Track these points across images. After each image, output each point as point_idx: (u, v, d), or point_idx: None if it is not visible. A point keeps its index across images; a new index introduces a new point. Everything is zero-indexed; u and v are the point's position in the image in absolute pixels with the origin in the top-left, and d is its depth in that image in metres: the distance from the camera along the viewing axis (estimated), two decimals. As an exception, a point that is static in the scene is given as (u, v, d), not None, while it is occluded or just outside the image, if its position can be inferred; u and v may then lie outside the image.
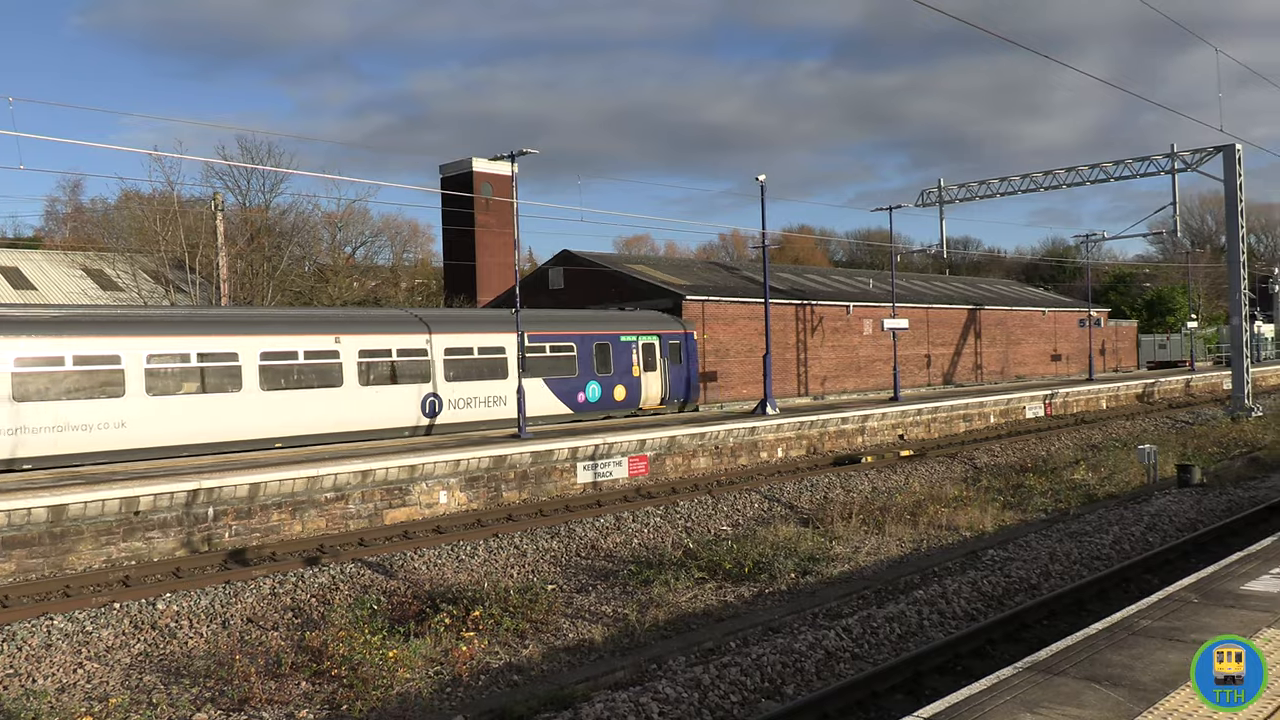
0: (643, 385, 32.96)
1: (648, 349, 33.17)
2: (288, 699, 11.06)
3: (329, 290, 53.39)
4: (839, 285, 53.97)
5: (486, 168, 59.61)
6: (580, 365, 31.01)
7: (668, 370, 33.71)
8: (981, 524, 19.82)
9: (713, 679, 10.49)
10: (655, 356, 33.38)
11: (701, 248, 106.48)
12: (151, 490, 17.07)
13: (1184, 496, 21.16)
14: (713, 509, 21.15)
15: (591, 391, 31.29)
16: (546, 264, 49.00)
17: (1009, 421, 38.11)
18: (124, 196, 48.37)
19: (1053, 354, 62.62)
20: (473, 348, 28.34)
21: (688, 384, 34.66)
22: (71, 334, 21.34)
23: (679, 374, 34.09)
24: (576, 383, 30.88)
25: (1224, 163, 38.64)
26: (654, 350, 33.37)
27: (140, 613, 13.66)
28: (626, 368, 32.26)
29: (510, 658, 12.49)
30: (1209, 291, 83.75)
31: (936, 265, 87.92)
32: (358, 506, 19.73)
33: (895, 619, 12.64)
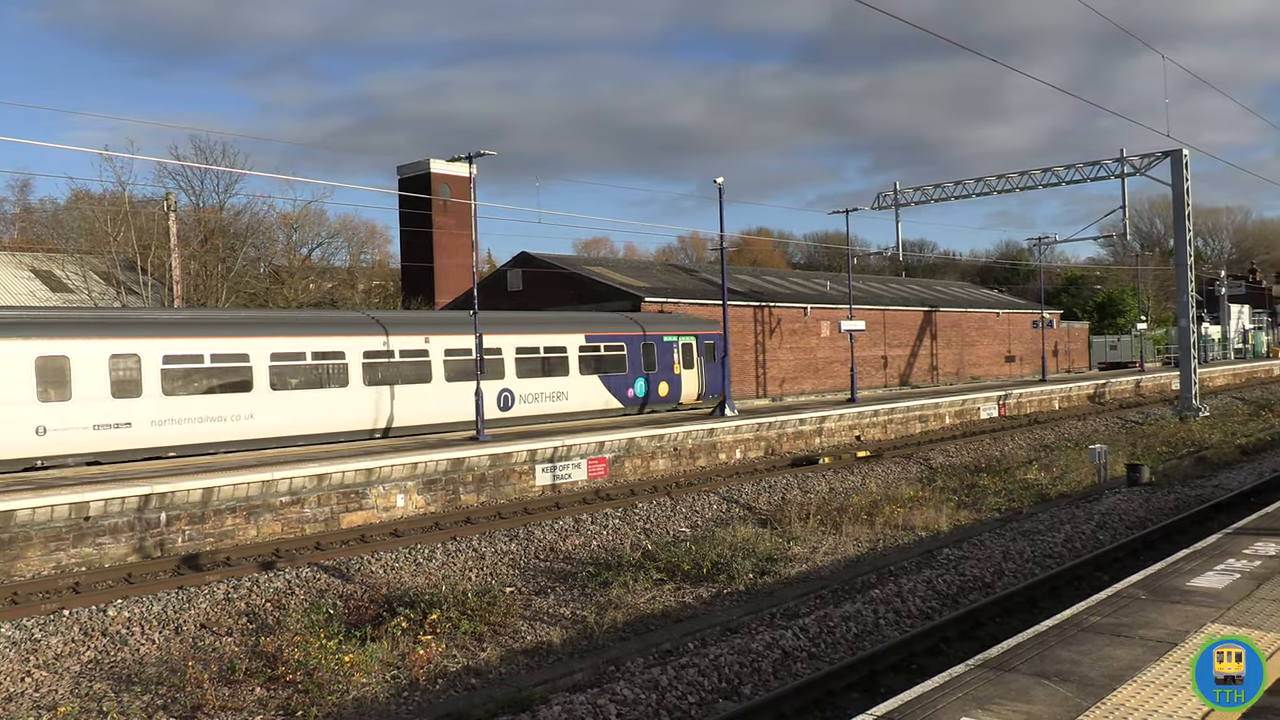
0: (683, 382, 35.22)
1: (686, 348, 35.40)
2: (241, 705, 10.95)
3: (284, 292, 52.78)
4: (797, 287, 54.33)
5: (445, 169, 59.30)
6: (630, 364, 33.18)
7: (704, 368, 35.93)
8: (937, 523, 20.06)
9: (671, 680, 10.53)
10: (693, 355, 35.63)
11: (661, 250, 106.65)
12: (102, 495, 16.80)
13: (1133, 495, 21.54)
14: (671, 510, 21.21)
15: (639, 388, 33.47)
16: (505, 266, 48.87)
17: (964, 422, 38.57)
18: (74, 196, 47.65)
19: (1007, 355, 63.46)
20: (539, 347, 30.52)
21: (723, 380, 36.07)
22: (209, 334, 23.41)
23: (714, 371, 36.11)
24: (627, 379, 33.02)
25: (1171, 167, 39.39)
26: (691, 350, 35.60)
27: (90, 620, 13.45)
28: (669, 366, 34.40)
29: (468, 661, 12.45)
30: (1158, 293, 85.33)
31: (893, 267, 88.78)
32: (314, 510, 19.55)
33: (852, 618, 12.76)
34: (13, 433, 19.91)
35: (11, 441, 19.99)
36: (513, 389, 29.38)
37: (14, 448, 20.09)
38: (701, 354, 35.90)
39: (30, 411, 20.18)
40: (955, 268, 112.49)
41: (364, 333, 26.07)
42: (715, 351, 36.11)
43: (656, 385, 33.79)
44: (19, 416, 20.03)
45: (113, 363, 21.52)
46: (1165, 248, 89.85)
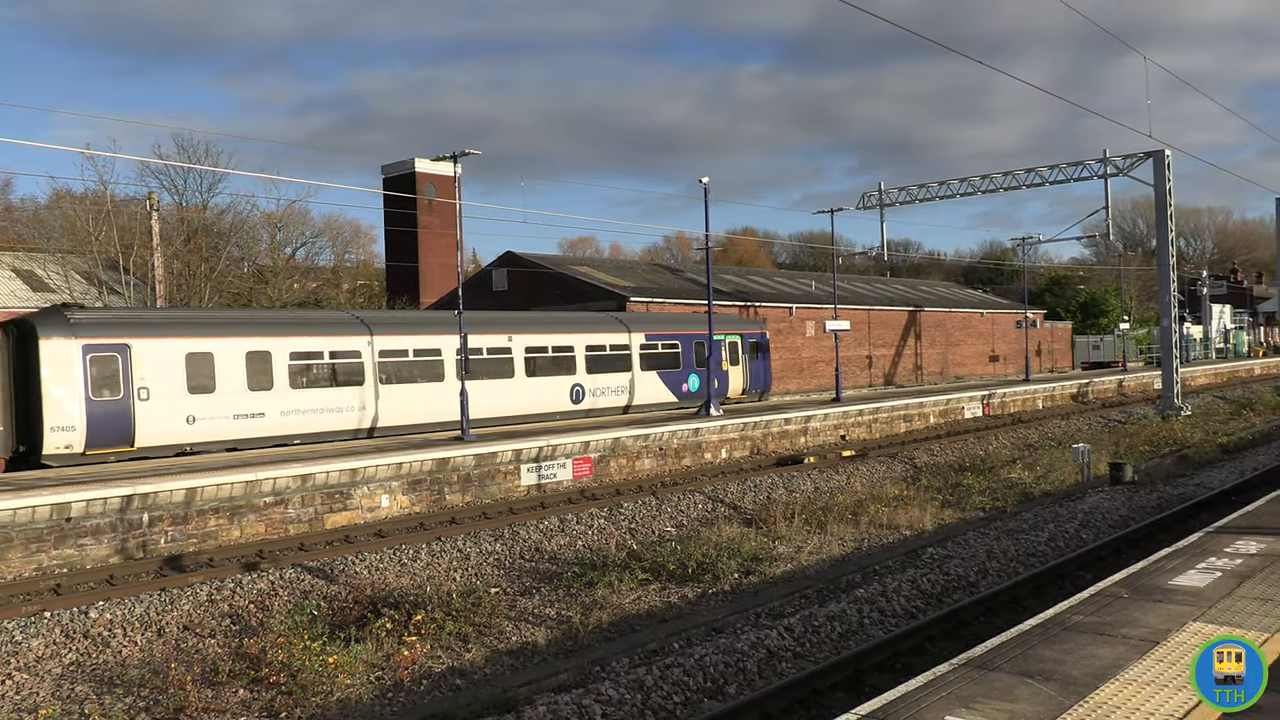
0: (730, 378, 37.17)
1: (733, 346, 37.37)
2: (225, 707, 10.89)
3: (268, 291, 52.55)
4: (782, 287, 54.43)
5: (430, 168, 59.18)
6: (684, 361, 35.63)
7: (748, 365, 38.08)
8: (921, 523, 20.12)
9: (656, 680, 10.52)
10: (738, 353, 37.63)
11: (646, 249, 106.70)
12: (84, 496, 16.69)
13: (1116, 494, 21.65)
14: (657, 510, 21.21)
15: (692, 383, 35.75)
16: (490, 265, 48.78)
17: (948, 421, 38.70)
18: (55, 196, 47.31)
19: (991, 355, 63.73)
20: (605, 345, 32.90)
21: (764, 377, 39.05)
22: (327, 333, 26.02)
23: (758, 368, 38.54)
24: (681, 375, 35.51)
25: (1154, 168, 39.62)
26: (737, 348, 37.59)
27: (72, 621, 13.36)
28: (718, 363, 35.85)
29: (453, 662, 12.42)
30: (1141, 293, 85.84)
31: (878, 267, 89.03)
32: (298, 511, 19.47)
33: (837, 617, 12.78)
34: (169, 422, 22.56)
35: (168, 429, 22.58)
36: (583, 384, 31.83)
37: (169, 435, 22.64)
38: (746, 352, 37.94)
39: (182, 403, 22.76)
40: (940, 268, 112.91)
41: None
42: (758, 349, 38.60)
43: (710, 381, 35.27)
44: (173, 408, 22.64)
45: (248, 359, 23.95)
46: (1148, 248, 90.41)
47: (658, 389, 34.56)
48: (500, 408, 29.23)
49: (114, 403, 21.86)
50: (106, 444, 21.82)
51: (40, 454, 21.21)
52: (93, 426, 21.53)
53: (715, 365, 34.77)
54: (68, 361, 21.43)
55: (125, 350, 22.18)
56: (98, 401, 21.63)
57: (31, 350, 21.38)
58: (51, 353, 21.32)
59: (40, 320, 21.93)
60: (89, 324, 22.23)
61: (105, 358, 21.92)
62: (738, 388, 37.55)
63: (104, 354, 21.92)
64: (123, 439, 21.98)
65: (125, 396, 21.98)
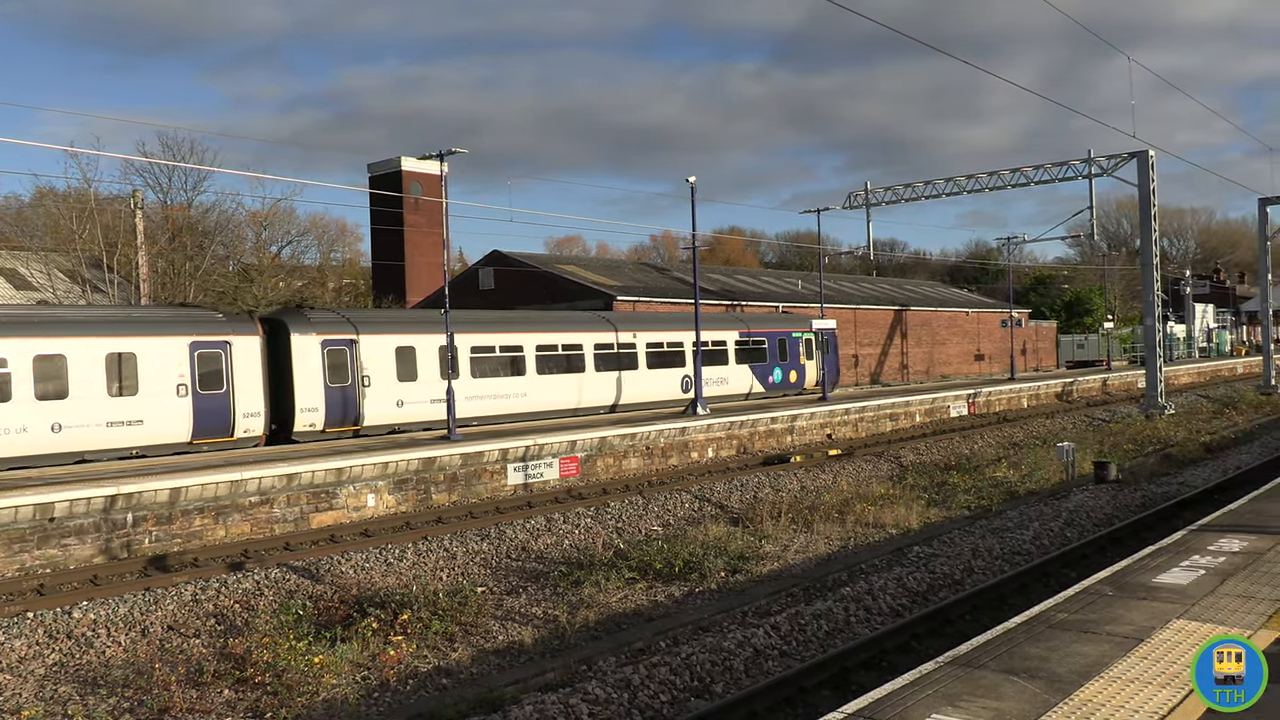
0: (806, 371, 41.17)
1: (807, 343, 41.25)
2: (209, 708, 10.84)
3: (254, 290, 52.26)
4: (768, 286, 54.51)
5: (416, 167, 59.03)
6: (770, 355, 39.36)
7: (820, 360, 41.40)
8: (907, 521, 20.18)
9: (642, 679, 10.53)
10: (812, 349, 41.45)
11: (633, 249, 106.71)
12: (68, 496, 16.58)
13: (1101, 492, 21.77)
14: (643, 509, 21.21)
15: (776, 375, 39.50)
16: (477, 264, 48.70)
17: (934, 420, 38.83)
18: (38, 194, 46.98)
19: (976, 354, 63.96)
20: (708, 341, 36.04)
21: (834, 370, 42.99)
22: (498, 330, 29.88)
23: (830, 362, 41.90)
24: (768, 368, 39.26)
25: (1138, 168, 39.80)
26: (811, 344, 41.42)
27: (55, 622, 13.28)
28: (796, 357, 40.42)
29: (439, 661, 12.39)
30: (1124, 293, 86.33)
31: (864, 267, 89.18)
32: (283, 510, 19.39)
33: (823, 616, 12.81)
34: (384, 405, 26.44)
35: (384, 412, 26.45)
36: (690, 376, 35.19)
37: (385, 416, 26.48)
38: (819, 348, 41.44)
39: (394, 389, 26.69)
40: (925, 267, 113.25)
41: (595, 329, 32.48)
42: (830, 345, 42.15)
43: (788, 373, 39.67)
44: (388, 393, 26.53)
45: (440, 352, 27.48)
46: (1132, 248, 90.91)
47: (749, 380, 38.33)
48: (627, 396, 33.27)
49: (346, 389, 25.78)
50: (340, 423, 25.69)
51: (291, 431, 24.86)
52: (330, 408, 25.45)
53: (794, 359, 39.69)
54: (311, 354, 25.24)
55: (352, 344, 25.99)
56: (334, 388, 25.54)
57: (283, 344, 24.99)
58: (299, 346, 25.06)
59: (289, 318, 25.68)
60: (324, 322, 26.11)
61: (338, 350, 25.77)
62: (812, 379, 41.35)
63: (337, 347, 25.78)
64: (352, 419, 25.79)
65: (353, 384, 25.83)
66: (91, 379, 21.62)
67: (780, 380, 39.41)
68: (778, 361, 39.60)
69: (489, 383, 29.29)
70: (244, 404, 23.83)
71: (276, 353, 24.91)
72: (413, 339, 27.38)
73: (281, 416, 24.89)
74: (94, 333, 22.12)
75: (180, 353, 23.03)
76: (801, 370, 40.79)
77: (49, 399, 20.96)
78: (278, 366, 24.86)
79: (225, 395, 23.57)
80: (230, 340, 23.86)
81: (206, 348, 23.47)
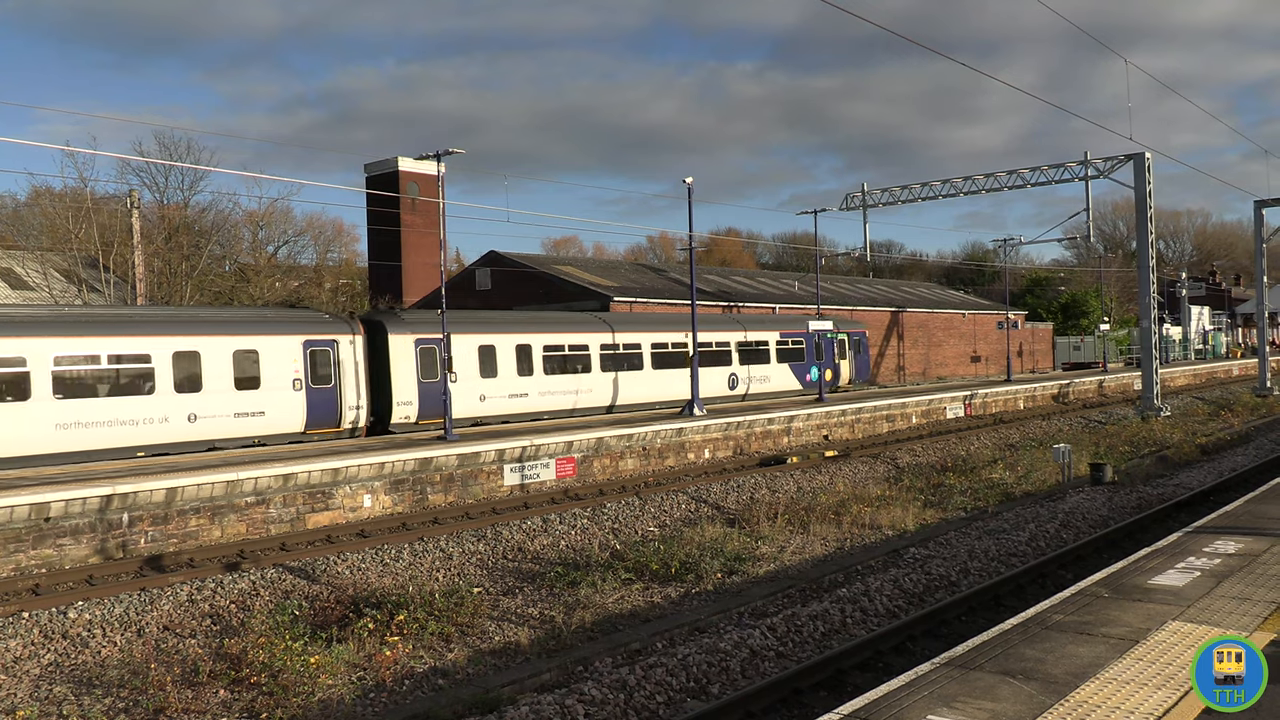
0: (842, 369, 43.78)
1: (841, 343, 43.78)
2: (205, 708, 10.83)
3: (250, 290, 52.24)
4: (765, 287, 54.52)
5: (413, 167, 58.94)
6: (807, 354, 41.77)
7: (853, 359, 44.55)
8: (904, 523, 20.18)
9: (639, 680, 10.52)
10: (845, 348, 44.16)
11: (630, 249, 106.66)
12: (63, 496, 16.55)
13: (1097, 494, 21.79)
14: (640, 510, 21.20)
15: (814, 373, 41.34)
16: (474, 265, 48.66)
17: (930, 422, 38.85)
18: (34, 193, 46.92)
19: (972, 355, 64.01)
20: (752, 341, 38.86)
21: (866, 368, 46.16)
22: (566, 331, 32.19)
23: (862, 360, 45.35)
24: (805, 367, 41.61)
25: (1134, 170, 39.84)
26: (845, 343, 44.15)
27: (50, 622, 13.25)
28: (832, 356, 42.86)
29: (435, 662, 12.38)
30: (1121, 295, 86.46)
31: (860, 268, 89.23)
32: (279, 511, 19.37)
33: (819, 617, 12.81)
34: (469, 400, 28.73)
35: (469, 406, 28.63)
36: (737, 374, 38.06)
37: (469, 409, 28.67)
38: (852, 347, 44.37)
39: (477, 385, 28.95)
40: (922, 269, 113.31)
41: (652, 330, 35.15)
42: (860, 345, 45.29)
43: (824, 371, 41.02)
44: (472, 388, 28.82)
45: (518, 350, 29.98)
46: (1128, 250, 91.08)
47: (789, 378, 40.81)
48: (675, 392, 35.19)
49: (436, 384, 27.62)
50: (431, 416, 27.61)
51: (389, 423, 27.03)
52: (423, 402, 27.61)
53: (829, 358, 42.29)
54: (407, 352, 27.49)
55: (441, 343, 27.15)
56: (426, 383, 27.70)
57: (380, 343, 27.16)
58: (397, 345, 27.29)
59: (386, 319, 27.97)
60: (416, 322, 28.33)
61: (429, 349, 27.82)
62: (847, 377, 44.11)
63: (428, 346, 27.80)
64: (441, 412, 26.70)
65: (442, 379, 27.08)
66: (222, 374, 23.62)
67: (817, 378, 40.95)
68: (814, 360, 41.64)
69: (557, 379, 31.55)
70: (349, 397, 25.99)
71: (374, 351, 27.06)
72: (493, 339, 29.65)
73: (378, 410, 27.06)
74: (223, 331, 24.10)
75: (295, 350, 25.06)
76: (836, 369, 43.11)
77: (185, 392, 22.96)
78: (376, 364, 27.03)
79: (333, 389, 25.73)
80: (337, 339, 26.00)
81: (317, 345, 25.60)
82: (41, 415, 20.65)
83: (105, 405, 21.62)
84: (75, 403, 21.14)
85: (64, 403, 21.00)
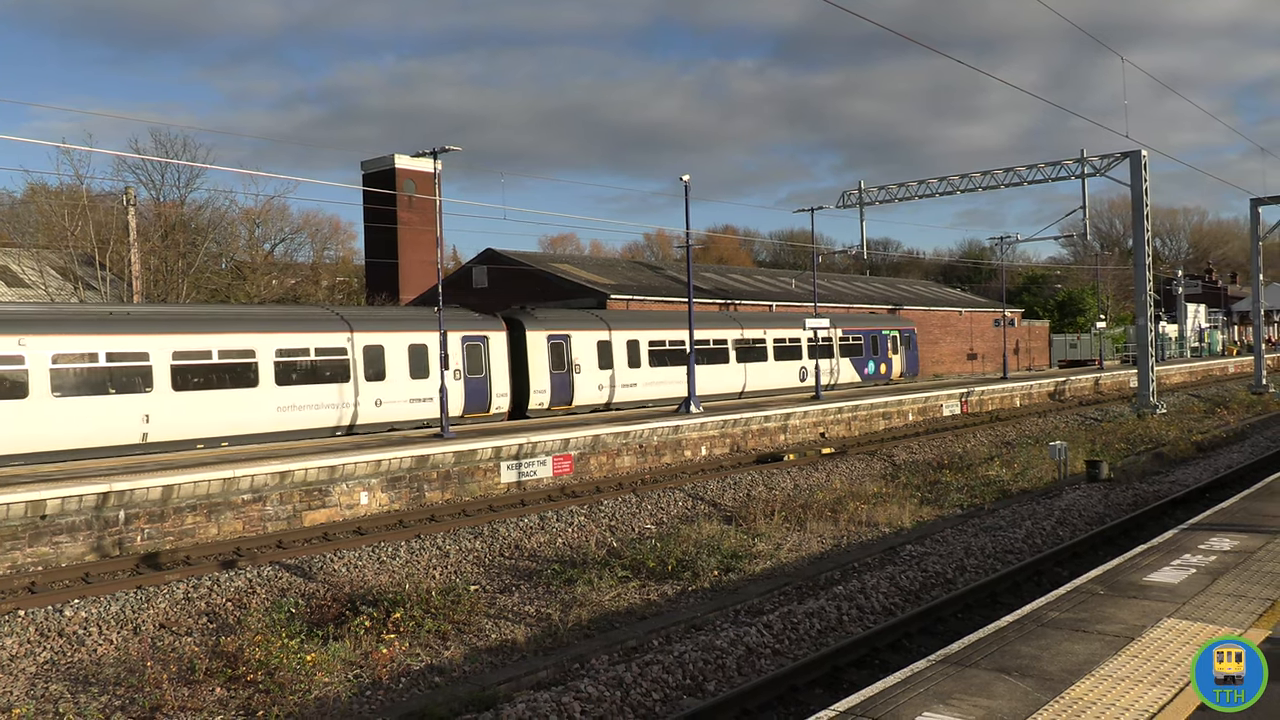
0: (894, 363, 47.14)
1: (893, 339, 47.24)
2: (201, 706, 10.82)
3: (247, 288, 52.19)
4: (762, 285, 54.51)
5: (410, 164, 58.91)
6: (865, 350, 45.25)
7: (904, 354, 47.84)
8: (900, 520, 20.21)
9: (635, 677, 10.53)
10: (897, 344, 47.48)
11: (627, 247, 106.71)
12: (59, 493, 16.54)
13: (1093, 491, 21.82)
14: (637, 507, 21.21)
15: (870, 367, 45.17)
16: (470, 262, 48.63)
17: (927, 419, 38.88)
18: (30, 190, 46.83)
19: (969, 353, 64.04)
20: (821, 337, 41.28)
21: (915, 363, 49.24)
22: (658, 327, 35.47)
23: (911, 356, 48.60)
24: (863, 361, 45.19)
25: (1131, 168, 39.89)
26: (896, 340, 47.47)
27: (46, 620, 13.24)
28: (885, 351, 46.48)
29: (432, 659, 12.38)
30: (1117, 293, 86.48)
31: (857, 266, 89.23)
32: (276, 508, 19.36)
33: (815, 614, 12.83)
34: (590, 389, 32.50)
35: (590, 394, 32.43)
36: (806, 366, 40.98)
37: (591, 398, 32.47)
38: (902, 344, 47.56)
39: (596, 376, 32.65)
40: (919, 266, 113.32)
41: (734, 327, 38.38)
42: (910, 342, 48.31)
43: (879, 365, 45.03)
44: (592, 379, 32.52)
45: (628, 345, 33.77)
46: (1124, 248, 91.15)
47: (849, 370, 44.12)
48: (755, 383, 38.54)
49: (563, 374, 31.60)
50: (559, 403, 31.53)
51: (526, 409, 30.51)
52: (553, 391, 31.39)
53: (883, 353, 45.90)
54: (541, 346, 31.14)
55: (567, 339, 31.79)
56: (555, 374, 31.39)
57: (519, 338, 30.68)
58: (533, 340, 30.95)
59: (523, 317, 31.39)
60: (548, 320, 31.97)
61: (557, 344, 31.57)
62: (898, 370, 47.39)
63: (557, 341, 31.55)
64: (568, 400, 31.52)
65: (568, 370, 31.58)
66: (400, 365, 27.19)
67: (873, 372, 44.95)
68: (871, 355, 45.23)
69: (663, 371, 34.99)
70: (497, 386, 29.60)
71: (513, 345, 30.32)
72: (609, 335, 33.13)
73: (516, 398, 30.31)
74: (400, 328, 27.69)
75: (456, 344, 28.18)
76: (889, 363, 46.56)
77: (373, 380, 26.52)
78: (514, 357, 30.29)
79: (484, 379, 29.29)
80: (488, 335, 29.55)
81: (472, 340, 29.13)
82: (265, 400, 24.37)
83: (312, 391, 25.29)
84: (289, 389, 24.81)
85: (281, 389, 24.67)
